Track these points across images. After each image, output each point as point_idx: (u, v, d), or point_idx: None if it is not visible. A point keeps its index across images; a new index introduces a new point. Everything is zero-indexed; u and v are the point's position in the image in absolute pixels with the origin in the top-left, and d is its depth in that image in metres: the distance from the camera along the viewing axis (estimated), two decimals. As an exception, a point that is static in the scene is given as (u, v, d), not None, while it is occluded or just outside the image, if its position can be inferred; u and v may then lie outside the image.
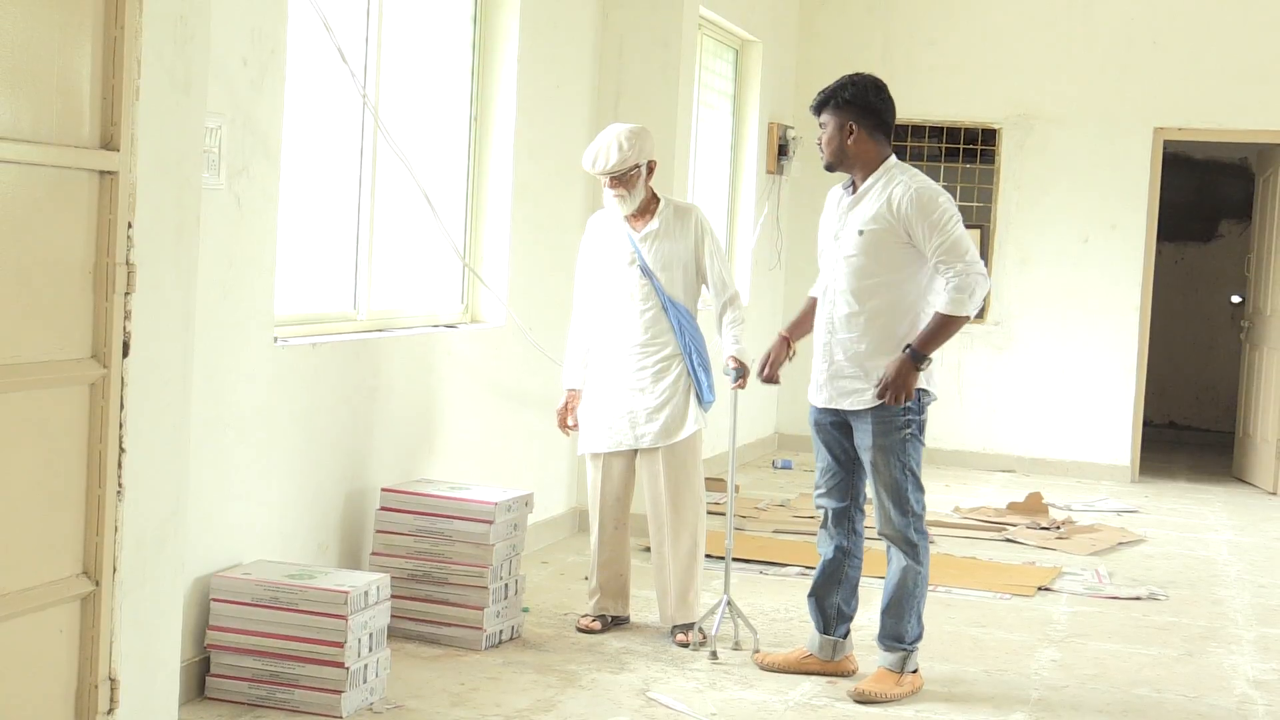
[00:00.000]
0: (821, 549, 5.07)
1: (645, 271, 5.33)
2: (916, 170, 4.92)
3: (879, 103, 4.87)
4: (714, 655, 5.16)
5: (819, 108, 4.91)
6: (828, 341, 4.91)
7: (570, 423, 5.52)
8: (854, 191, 4.90)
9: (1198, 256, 12.71)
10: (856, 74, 4.95)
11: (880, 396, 4.77)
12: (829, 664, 5.06)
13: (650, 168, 5.35)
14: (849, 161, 4.87)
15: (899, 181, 4.82)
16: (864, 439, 4.84)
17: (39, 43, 3.20)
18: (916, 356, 4.73)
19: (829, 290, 4.92)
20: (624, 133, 5.28)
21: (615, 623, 5.45)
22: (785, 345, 5.16)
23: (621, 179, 5.26)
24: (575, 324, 5.56)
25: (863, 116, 4.84)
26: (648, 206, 5.39)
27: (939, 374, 4.72)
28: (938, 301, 4.78)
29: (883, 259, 4.79)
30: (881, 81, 4.93)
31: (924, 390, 4.83)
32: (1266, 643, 5.84)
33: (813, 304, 5.12)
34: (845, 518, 5.01)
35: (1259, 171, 10.51)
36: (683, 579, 5.38)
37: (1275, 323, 9.82)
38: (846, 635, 5.09)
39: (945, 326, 4.75)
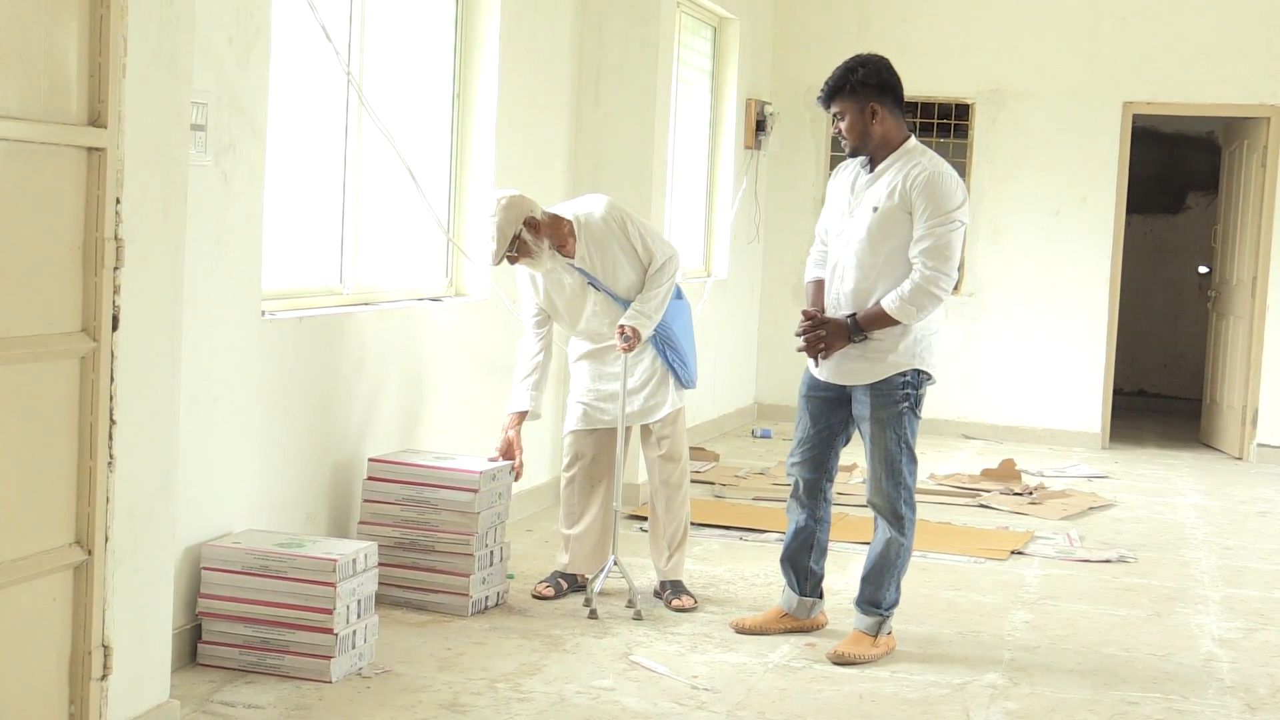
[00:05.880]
0: (792, 515, 5.15)
1: (598, 286, 5.36)
2: (939, 157, 4.89)
3: (892, 78, 4.84)
4: (593, 614, 5.23)
5: (829, 97, 4.82)
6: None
7: (515, 457, 5.39)
8: (871, 169, 4.87)
9: (1166, 228, 12.83)
10: (859, 56, 4.90)
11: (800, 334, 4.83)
12: (804, 621, 5.18)
13: (532, 225, 5.17)
14: (874, 143, 4.82)
15: (918, 163, 4.79)
16: (862, 410, 4.90)
17: (26, 21, 3.24)
18: (854, 329, 4.77)
19: (839, 266, 4.90)
20: (490, 224, 5.15)
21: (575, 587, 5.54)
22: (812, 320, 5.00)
23: (516, 256, 5.24)
24: (525, 347, 5.48)
25: (882, 95, 4.80)
26: (564, 240, 5.30)
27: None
28: (887, 293, 4.75)
29: (894, 238, 4.78)
30: (886, 58, 4.89)
31: (921, 371, 4.87)
32: (1232, 603, 5.97)
33: (816, 285, 5.06)
34: (816, 488, 5.09)
35: (1225, 144, 10.63)
36: (673, 543, 5.54)
37: (1241, 292, 9.95)
38: (820, 595, 5.20)
39: (885, 319, 4.77)
